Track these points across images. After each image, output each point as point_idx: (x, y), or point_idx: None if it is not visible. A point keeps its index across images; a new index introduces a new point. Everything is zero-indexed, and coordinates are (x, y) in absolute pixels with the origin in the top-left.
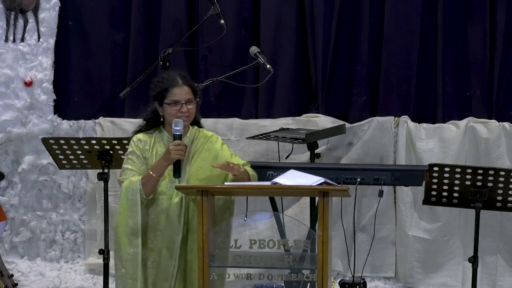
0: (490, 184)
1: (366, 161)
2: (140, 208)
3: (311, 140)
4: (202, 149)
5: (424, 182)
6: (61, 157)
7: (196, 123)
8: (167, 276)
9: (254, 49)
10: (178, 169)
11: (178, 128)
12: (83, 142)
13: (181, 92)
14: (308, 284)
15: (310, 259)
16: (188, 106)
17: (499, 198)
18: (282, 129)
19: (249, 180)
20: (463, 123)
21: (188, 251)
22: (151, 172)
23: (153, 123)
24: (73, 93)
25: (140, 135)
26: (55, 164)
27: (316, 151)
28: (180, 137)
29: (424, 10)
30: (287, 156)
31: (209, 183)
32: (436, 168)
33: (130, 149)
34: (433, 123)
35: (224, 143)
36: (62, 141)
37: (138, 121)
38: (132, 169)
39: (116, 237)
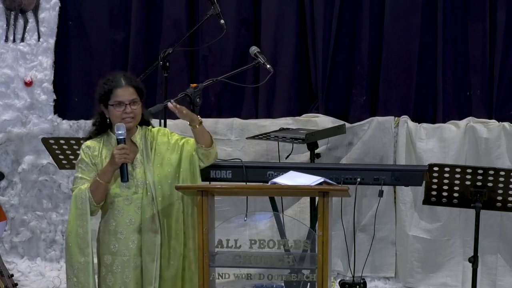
0: (490, 184)
1: (366, 161)
2: (89, 216)
3: (311, 140)
4: (157, 145)
5: (424, 182)
6: (61, 157)
7: (145, 122)
8: (150, 279)
9: (254, 49)
10: (126, 173)
11: (120, 132)
12: (83, 142)
13: (124, 92)
14: (308, 284)
15: (310, 259)
16: (132, 107)
17: (499, 198)
18: (282, 129)
19: (210, 136)
20: (463, 123)
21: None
22: (98, 179)
23: (101, 127)
24: (73, 93)
25: (88, 142)
26: (55, 164)
27: (316, 151)
28: (124, 141)
29: (424, 10)
30: (287, 156)
31: (174, 176)
32: (436, 168)
33: (80, 157)
34: (433, 123)
35: (172, 132)
36: (62, 141)
37: None
38: (83, 177)
39: (67, 246)
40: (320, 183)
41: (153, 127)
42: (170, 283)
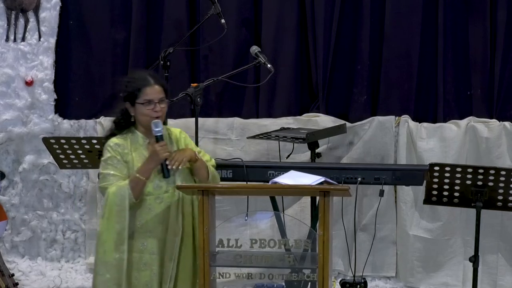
0: (490, 184)
1: (366, 161)
2: (128, 213)
3: (311, 139)
4: (180, 146)
5: (425, 181)
6: (62, 156)
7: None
8: (166, 279)
9: (255, 49)
10: (166, 169)
11: (159, 129)
12: (83, 141)
13: (153, 91)
14: (309, 283)
15: (310, 258)
16: (160, 105)
17: (500, 197)
18: (282, 129)
19: (207, 171)
20: (463, 122)
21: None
22: (138, 176)
23: (124, 125)
24: (74, 92)
25: (115, 140)
26: (56, 164)
27: (317, 150)
28: (162, 138)
29: (425, 10)
30: (288, 156)
31: (191, 178)
32: (437, 168)
33: (108, 155)
34: (434, 122)
35: (186, 134)
36: (63, 141)
37: None
38: (115, 174)
39: (101, 243)
40: (321, 183)
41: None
42: (185, 284)
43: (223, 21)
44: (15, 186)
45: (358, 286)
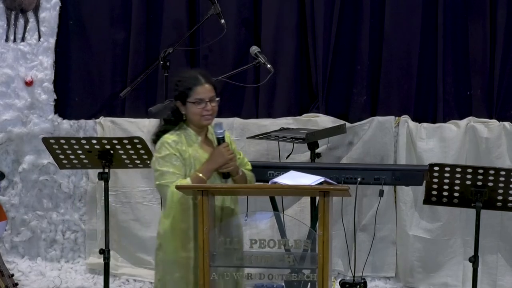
0: (490, 184)
1: (366, 161)
2: (192, 211)
3: (311, 139)
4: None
5: (424, 181)
6: (61, 156)
7: None
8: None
9: (254, 49)
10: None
11: (221, 131)
12: (83, 141)
13: (204, 90)
14: (309, 283)
15: (310, 258)
16: (211, 104)
17: (500, 197)
18: (282, 129)
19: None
20: (463, 122)
21: None
22: (201, 175)
23: (175, 123)
24: (74, 92)
25: (171, 137)
26: (56, 164)
27: (317, 150)
28: (224, 140)
29: (425, 10)
30: (288, 156)
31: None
32: (436, 168)
33: (166, 152)
34: (434, 122)
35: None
36: (62, 141)
37: (139, 121)
38: (175, 171)
39: (167, 242)
40: (321, 183)
41: None
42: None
43: (222, 21)
44: (14, 186)
45: (358, 286)
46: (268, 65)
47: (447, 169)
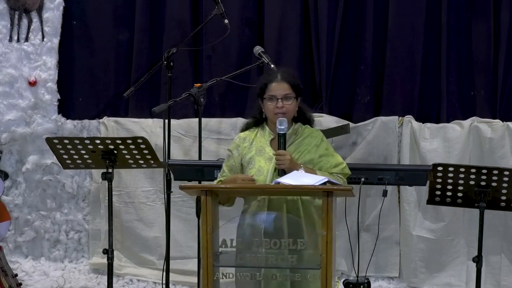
0: (494, 184)
1: (370, 161)
2: None
3: None
4: (302, 143)
5: (428, 181)
6: (65, 156)
7: (306, 120)
8: None
9: (258, 49)
10: (283, 173)
11: (282, 127)
12: (87, 141)
13: (278, 87)
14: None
15: (312, 258)
16: (284, 102)
17: (503, 198)
18: None
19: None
20: (467, 123)
21: None
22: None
23: (258, 121)
24: (77, 92)
25: (242, 134)
26: (59, 164)
27: None
28: (284, 136)
29: (428, 10)
30: None
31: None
32: (440, 168)
33: (229, 148)
34: (437, 122)
35: (324, 140)
36: (66, 141)
37: (142, 121)
38: (224, 170)
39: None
40: (324, 183)
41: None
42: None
43: (226, 21)
44: (18, 186)
45: (362, 286)
46: (272, 65)
47: (451, 169)
